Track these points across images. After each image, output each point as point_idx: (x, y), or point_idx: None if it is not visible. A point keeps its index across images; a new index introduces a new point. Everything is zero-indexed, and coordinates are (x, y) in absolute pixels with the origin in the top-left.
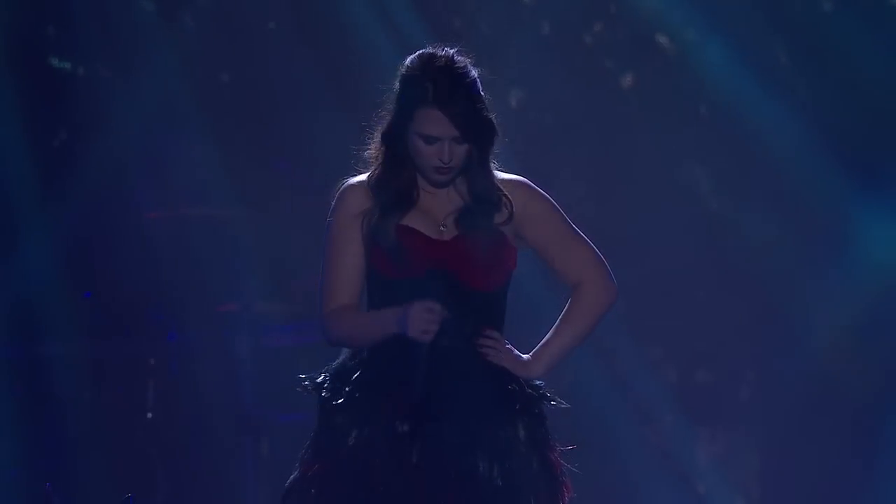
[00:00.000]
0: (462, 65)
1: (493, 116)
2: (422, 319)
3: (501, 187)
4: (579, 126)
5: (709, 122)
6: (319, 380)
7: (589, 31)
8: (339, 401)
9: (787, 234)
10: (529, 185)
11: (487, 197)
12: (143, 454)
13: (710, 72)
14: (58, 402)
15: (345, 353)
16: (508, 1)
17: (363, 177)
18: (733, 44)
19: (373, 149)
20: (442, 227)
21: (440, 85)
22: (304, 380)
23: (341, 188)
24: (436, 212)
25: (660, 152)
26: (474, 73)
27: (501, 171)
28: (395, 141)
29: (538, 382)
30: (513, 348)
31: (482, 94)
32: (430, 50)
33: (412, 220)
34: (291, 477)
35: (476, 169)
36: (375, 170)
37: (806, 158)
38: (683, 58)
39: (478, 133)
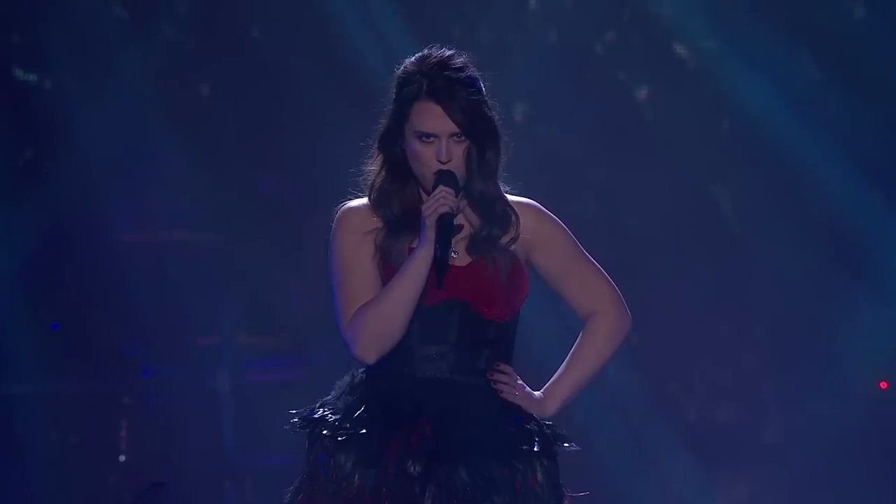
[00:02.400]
0: (460, 62)
1: (494, 116)
2: (435, 200)
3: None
4: (590, 143)
5: (731, 139)
6: (316, 416)
7: (600, 40)
8: (343, 438)
9: (817, 261)
10: (539, 209)
11: (488, 203)
12: (115, 501)
13: (732, 84)
14: (22, 443)
15: (340, 387)
16: (513, 7)
17: (363, 199)
18: (757, 54)
19: (371, 160)
20: (453, 253)
21: (436, 78)
22: (295, 416)
23: (341, 210)
24: None
25: (678, 172)
26: (474, 72)
27: (508, 193)
28: (392, 144)
29: (550, 422)
30: (525, 384)
31: (483, 92)
32: (425, 51)
33: None
34: None
35: (476, 173)
36: (375, 182)
37: (837, 178)
38: (703, 69)
39: (477, 128)
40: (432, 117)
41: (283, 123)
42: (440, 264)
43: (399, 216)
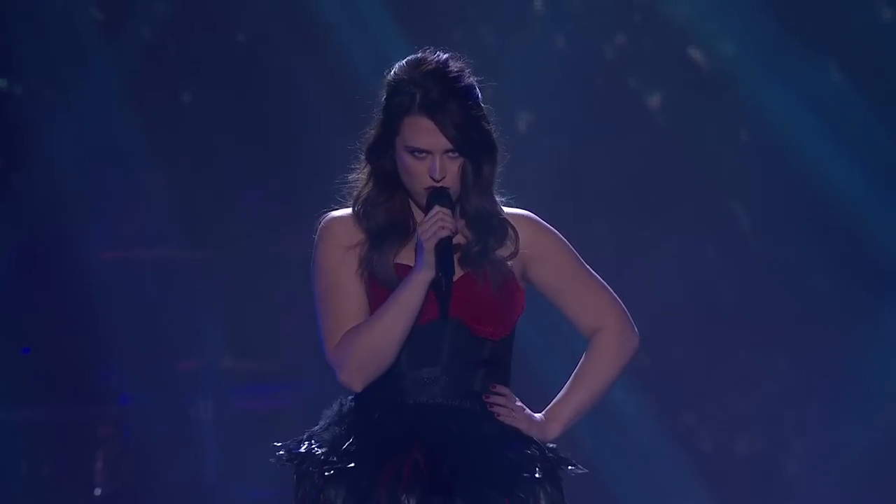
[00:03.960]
0: (455, 70)
1: (492, 128)
2: (432, 223)
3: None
4: (598, 154)
5: (750, 149)
6: (303, 449)
7: (610, 45)
8: (331, 472)
9: (841, 279)
10: (537, 221)
11: (484, 220)
12: None
13: (751, 91)
14: None
15: (327, 416)
16: (517, 10)
17: (348, 209)
18: (777, 58)
19: (358, 170)
20: None
21: (429, 90)
22: (280, 449)
23: (324, 221)
24: None
25: (693, 183)
26: (471, 79)
27: (507, 204)
28: (381, 156)
29: (553, 445)
30: (524, 406)
31: (480, 102)
32: (419, 55)
33: (409, 257)
34: None
35: (471, 189)
36: (361, 193)
37: (862, 191)
38: (720, 74)
39: (473, 144)
40: (426, 133)
41: (268, 133)
42: (445, 293)
43: (384, 227)
